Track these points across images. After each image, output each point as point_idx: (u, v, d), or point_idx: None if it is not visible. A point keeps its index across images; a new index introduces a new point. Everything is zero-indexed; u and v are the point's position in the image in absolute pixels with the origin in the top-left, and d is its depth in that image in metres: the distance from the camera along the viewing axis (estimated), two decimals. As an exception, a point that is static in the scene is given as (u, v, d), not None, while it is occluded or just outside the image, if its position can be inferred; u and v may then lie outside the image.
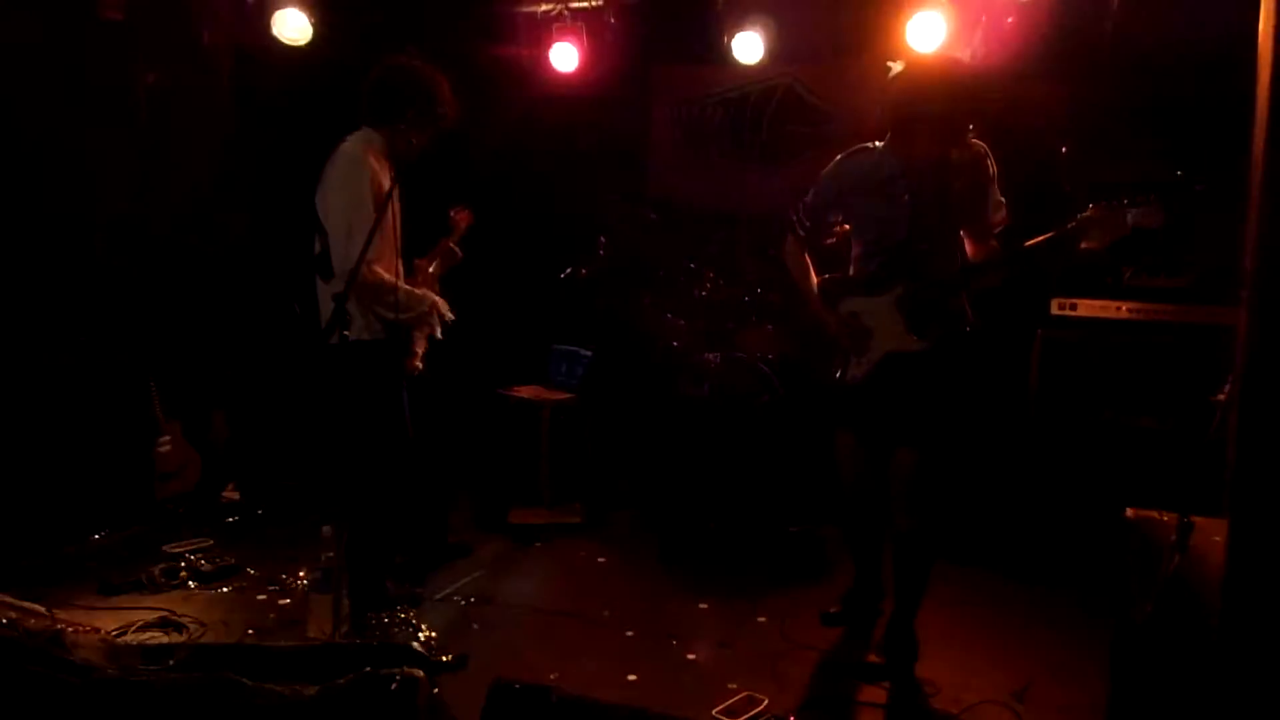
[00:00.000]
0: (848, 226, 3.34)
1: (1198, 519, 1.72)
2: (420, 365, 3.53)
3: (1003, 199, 3.11)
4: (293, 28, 4.97)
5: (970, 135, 3.05)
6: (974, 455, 4.78)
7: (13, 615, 2.78)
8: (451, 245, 3.86)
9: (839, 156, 3.25)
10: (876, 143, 3.18)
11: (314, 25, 5.03)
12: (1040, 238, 2.88)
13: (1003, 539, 4.38)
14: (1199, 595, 1.56)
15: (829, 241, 3.39)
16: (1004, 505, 4.53)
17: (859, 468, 3.30)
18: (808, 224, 3.30)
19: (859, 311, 3.18)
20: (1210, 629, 1.31)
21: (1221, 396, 1.60)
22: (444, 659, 3.17)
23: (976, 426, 4.57)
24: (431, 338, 3.59)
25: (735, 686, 3.11)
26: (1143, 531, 2.08)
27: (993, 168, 3.08)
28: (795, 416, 5.00)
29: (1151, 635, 1.53)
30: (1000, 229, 3.09)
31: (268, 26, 4.97)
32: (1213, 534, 1.75)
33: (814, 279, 3.33)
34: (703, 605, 3.80)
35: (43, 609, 3.14)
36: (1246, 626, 1.27)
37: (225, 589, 3.84)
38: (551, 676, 3.14)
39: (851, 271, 3.28)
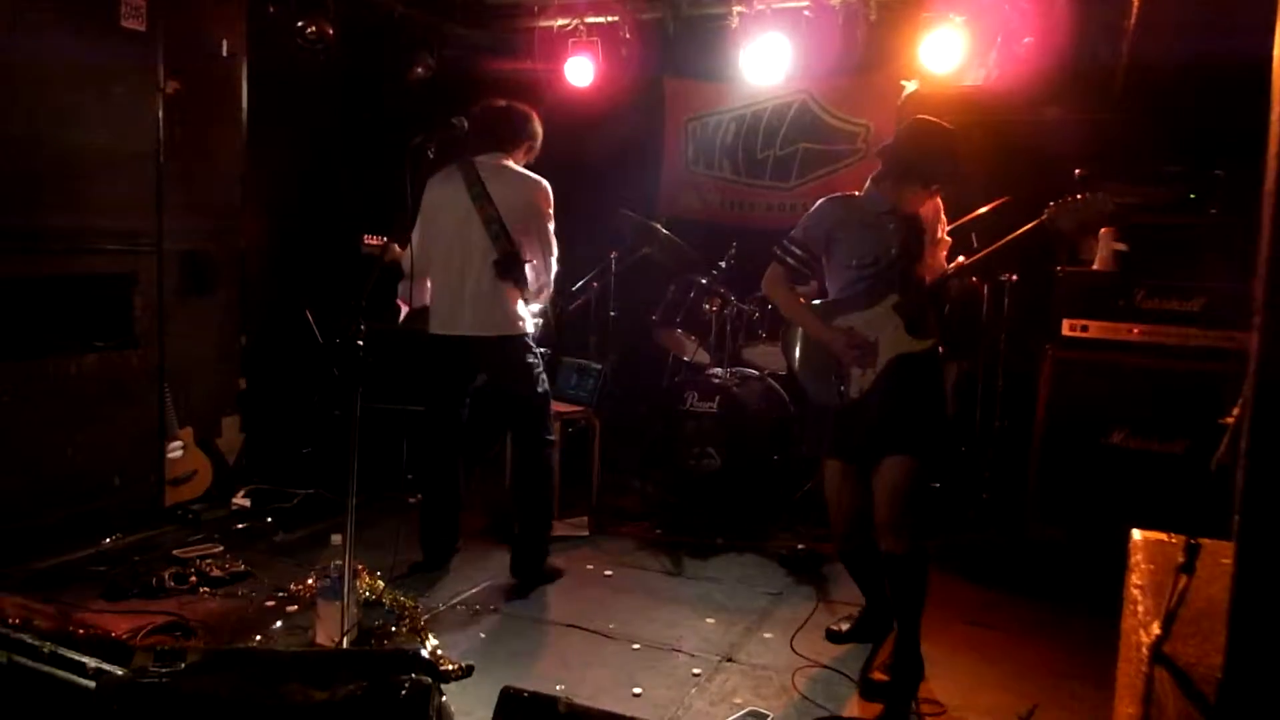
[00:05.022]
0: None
1: (1205, 541, 1.73)
2: None
3: (948, 237, 3.44)
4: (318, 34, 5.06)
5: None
6: (980, 473, 4.81)
7: (25, 617, 2.80)
8: None
9: (823, 200, 3.39)
10: (857, 192, 3.39)
11: (333, 37, 5.10)
12: (1011, 235, 3.12)
13: (1011, 558, 4.37)
14: (1206, 618, 1.56)
15: (811, 283, 3.50)
16: (1013, 524, 4.53)
17: (850, 489, 3.31)
18: (797, 253, 3.38)
19: (855, 326, 3.26)
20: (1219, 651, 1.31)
21: (1230, 420, 1.60)
22: (451, 668, 3.19)
23: (953, 438, 4.66)
24: None
25: (740, 701, 3.12)
26: (1149, 553, 2.08)
27: (941, 206, 3.42)
28: (804, 432, 5.01)
29: (1160, 657, 1.54)
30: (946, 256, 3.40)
31: (291, 35, 5.04)
32: (1220, 556, 1.75)
33: (803, 301, 3.41)
34: (709, 620, 3.80)
35: (54, 611, 3.17)
36: (1254, 652, 1.27)
37: (235, 595, 3.86)
38: (558, 687, 3.15)
39: (836, 297, 3.38)
